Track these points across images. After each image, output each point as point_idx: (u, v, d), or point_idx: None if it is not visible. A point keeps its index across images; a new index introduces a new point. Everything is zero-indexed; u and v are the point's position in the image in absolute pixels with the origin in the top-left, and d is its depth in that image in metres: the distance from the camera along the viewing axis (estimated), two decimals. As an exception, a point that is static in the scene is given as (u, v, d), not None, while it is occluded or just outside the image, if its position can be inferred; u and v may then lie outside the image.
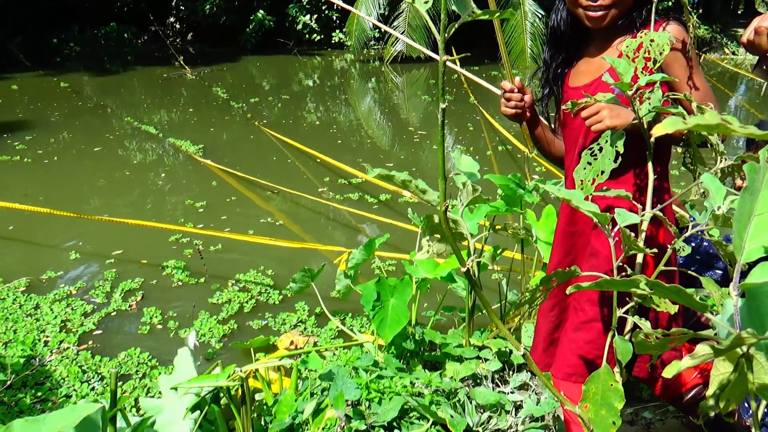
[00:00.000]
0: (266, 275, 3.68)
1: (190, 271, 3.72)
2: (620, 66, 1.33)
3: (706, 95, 1.48)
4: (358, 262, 2.56)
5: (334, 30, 13.44)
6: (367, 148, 6.76)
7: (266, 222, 4.50)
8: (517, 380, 2.18)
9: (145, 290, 3.53)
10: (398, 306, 2.15)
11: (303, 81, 11.10)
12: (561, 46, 1.65)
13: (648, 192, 1.39)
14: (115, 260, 3.88)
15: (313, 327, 3.14)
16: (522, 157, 5.65)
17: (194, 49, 13.64)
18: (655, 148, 1.42)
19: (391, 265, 3.72)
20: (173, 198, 5.09)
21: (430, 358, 2.33)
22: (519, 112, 1.63)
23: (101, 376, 2.72)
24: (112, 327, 3.18)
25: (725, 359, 0.77)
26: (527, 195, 2.35)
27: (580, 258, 1.64)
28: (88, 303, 3.36)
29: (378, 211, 4.60)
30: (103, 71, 11.20)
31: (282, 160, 5.96)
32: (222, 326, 3.15)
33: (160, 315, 3.25)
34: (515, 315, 2.61)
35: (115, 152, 6.36)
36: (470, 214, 2.22)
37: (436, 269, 2.31)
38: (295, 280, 2.67)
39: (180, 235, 4.17)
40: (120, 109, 8.37)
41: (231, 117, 7.88)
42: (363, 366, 2.08)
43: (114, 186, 5.35)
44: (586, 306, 1.58)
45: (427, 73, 11.21)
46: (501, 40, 1.61)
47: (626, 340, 1.27)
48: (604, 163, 1.34)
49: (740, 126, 0.62)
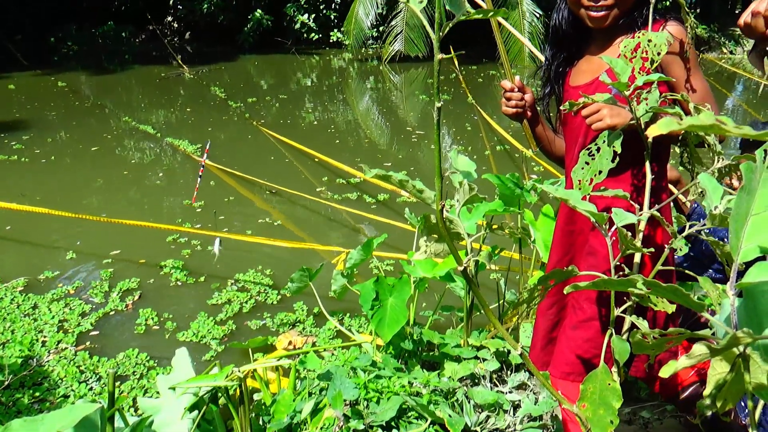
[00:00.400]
0: (264, 275, 3.68)
1: (189, 271, 3.72)
2: (617, 66, 1.33)
3: (705, 95, 1.48)
4: (356, 262, 2.56)
5: (332, 29, 13.43)
6: (365, 148, 6.76)
7: (264, 222, 4.50)
8: (515, 380, 2.19)
9: (143, 290, 3.52)
10: (397, 305, 2.16)
11: (301, 80, 11.09)
12: (562, 45, 1.66)
13: (645, 192, 1.40)
14: (113, 260, 3.88)
15: (311, 327, 3.14)
16: (520, 156, 5.66)
17: (192, 48, 13.63)
18: (652, 148, 1.43)
19: (390, 265, 3.72)
20: (171, 198, 5.09)
21: (428, 358, 2.33)
22: (519, 111, 1.64)
23: (99, 377, 2.72)
24: (110, 327, 3.17)
25: (722, 359, 0.78)
26: (525, 195, 2.35)
27: (578, 257, 1.64)
28: (86, 303, 3.36)
29: (376, 211, 4.60)
30: (100, 70, 11.18)
31: (280, 160, 5.95)
32: (220, 327, 3.15)
33: (157, 315, 3.25)
34: (513, 315, 2.62)
35: (112, 152, 6.35)
36: (468, 213, 2.22)
37: (434, 269, 2.31)
38: (293, 280, 2.67)
39: (177, 235, 4.17)
40: (118, 109, 8.35)
41: (229, 116, 7.87)
42: (361, 366, 2.08)
43: (112, 186, 5.35)
44: (584, 305, 1.58)
45: (425, 72, 11.21)
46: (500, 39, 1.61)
47: (624, 340, 1.27)
48: (601, 163, 1.34)
49: (735, 126, 0.63)
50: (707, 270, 2.04)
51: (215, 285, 3.57)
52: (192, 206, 4.73)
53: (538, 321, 1.76)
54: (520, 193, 2.35)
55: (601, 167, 1.34)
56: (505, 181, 2.35)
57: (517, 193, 2.35)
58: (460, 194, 1.30)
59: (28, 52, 11.76)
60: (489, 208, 2.29)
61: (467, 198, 1.29)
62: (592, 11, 1.49)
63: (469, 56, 11.23)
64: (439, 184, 1.15)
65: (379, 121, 8.31)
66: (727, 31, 13.61)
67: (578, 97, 1.41)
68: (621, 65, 1.33)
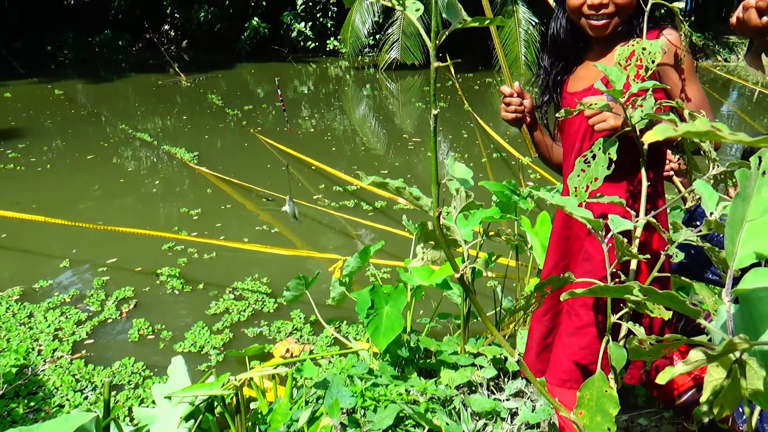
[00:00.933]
0: (262, 283, 3.67)
1: (185, 279, 3.71)
2: (612, 73, 1.34)
3: (701, 102, 1.49)
4: (353, 269, 2.56)
5: (329, 37, 13.48)
6: (362, 155, 6.77)
7: (261, 229, 4.50)
8: (513, 387, 2.18)
9: (139, 299, 3.51)
10: (393, 313, 2.15)
11: (298, 88, 11.12)
12: (560, 54, 1.66)
13: (642, 198, 1.40)
14: (109, 268, 3.87)
15: (308, 335, 3.13)
16: (516, 164, 5.67)
17: (189, 56, 13.65)
18: (649, 154, 1.43)
19: (386, 273, 3.72)
20: (168, 206, 5.08)
21: (425, 365, 2.33)
22: (519, 117, 1.64)
23: (94, 386, 2.71)
24: (106, 336, 3.16)
25: (718, 365, 0.78)
26: (522, 201, 2.36)
27: (574, 262, 1.64)
28: (82, 311, 3.34)
29: (373, 218, 4.60)
30: (97, 79, 11.18)
31: (277, 168, 5.96)
32: (217, 335, 3.14)
33: (153, 324, 3.24)
34: (510, 322, 2.61)
35: (109, 160, 6.34)
36: (465, 220, 2.23)
37: (431, 276, 2.32)
38: (289, 288, 2.66)
39: (174, 243, 4.16)
40: (114, 117, 8.35)
41: (225, 124, 7.87)
42: (358, 374, 2.07)
43: (108, 193, 5.34)
44: (580, 311, 1.58)
45: (422, 80, 11.25)
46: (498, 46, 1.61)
47: (620, 346, 1.27)
48: (597, 170, 1.35)
49: (730, 133, 0.63)
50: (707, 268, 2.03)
51: (212, 293, 3.56)
52: (189, 214, 4.73)
53: (533, 327, 1.76)
54: (517, 200, 2.35)
55: (596, 174, 1.35)
56: (502, 188, 2.36)
57: (513, 200, 2.35)
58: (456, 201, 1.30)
59: (24, 60, 11.76)
60: (486, 215, 2.30)
61: (464, 205, 1.30)
62: (593, 20, 1.50)
63: (466, 64, 11.29)
64: (436, 191, 1.16)
65: (375, 129, 8.32)
66: (722, 39, 13.69)
67: (575, 104, 1.42)
68: (616, 73, 1.34)
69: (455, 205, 1.29)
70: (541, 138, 1.76)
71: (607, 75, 1.34)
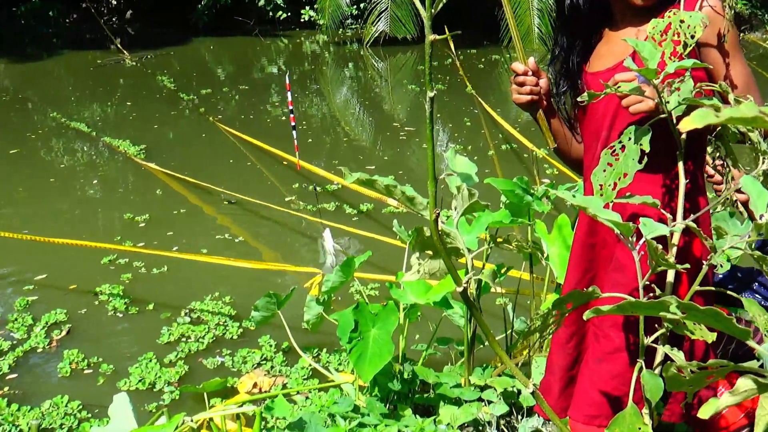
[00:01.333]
0: (224, 303, 3.66)
1: (130, 299, 3.69)
2: (644, 50, 1.34)
3: (747, 84, 1.50)
4: (334, 285, 2.55)
5: (304, 6, 13.46)
6: (344, 148, 6.77)
7: (223, 238, 4.48)
8: (528, 426, 2.19)
9: (74, 323, 3.49)
10: (381, 338, 2.15)
11: (266, 68, 11.11)
12: (580, 30, 1.65)
13: (679, 197, 1.40)
14: (37, 286, 3.83)
15: (281, 365, 3.12)
16: (530, 157, 5.70)
17: (134, 29, 13.60)
18: (686, 145, 1.44)
19: (374, 289, 3.71)
20: (108, 210, 5.05)
21: (421, 400, 2.33)
22: (534, 99, 1.63)
23: (20, 430, 2.68)
24: (33, 369, 3.13)
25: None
26: (536, 202, 2.36)
27: (602, 274, 1.64)
28: (3, 339, 3.31)
29: (358, 224, 4.60)
30: (22, 57, 11.11)
31: (241, 163, 5.94)
32: (170, 368, 3.12)
33: (91, 354, 3.21)
34: (524, 347, 2.62)
35: (37, 155, 6.30)
36: (468, 225, 2.23)
37: (428, 293, 2.31)
38: (258, 308, 2.65)
39: (116, 256, 4.14)
40: (43, 103, 8.30)
41: (179, 111, 7.85)
42: (341, 412, 2.07)
43: (36, 196, 5.29)
44: (610, 332, 1.58)
45: (415, 57, 11.28)
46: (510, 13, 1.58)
47: (656, 375, 1.27)
48: (626, 164, 1.35)
49: (784, 118, 0.64)
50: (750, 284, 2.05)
51: (164, 315, 3.54)
52: (134, 220, 4.70)
53: (554, 357, 1.75)
54: (530, 201, 2.36)
55: (626, 169, 1.35)
56: (513, 186, 2.37)
57: (526, 201, 2.36)
58: (458, 202, 1.30)
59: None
60: (493, 218, 2.30)
61: (467, 206, 1.30)
62: None
63: (468, 38, 11.32)
64: (433, 189, 1.16)
65: (360, 116, 8.34)
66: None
67: (599, 86, 1.42)
68: (649, 49, 1.33)
69: (456, 206, 1.30)
70: (559, 126, 1.75)
71: (638, 51, 1.34)
